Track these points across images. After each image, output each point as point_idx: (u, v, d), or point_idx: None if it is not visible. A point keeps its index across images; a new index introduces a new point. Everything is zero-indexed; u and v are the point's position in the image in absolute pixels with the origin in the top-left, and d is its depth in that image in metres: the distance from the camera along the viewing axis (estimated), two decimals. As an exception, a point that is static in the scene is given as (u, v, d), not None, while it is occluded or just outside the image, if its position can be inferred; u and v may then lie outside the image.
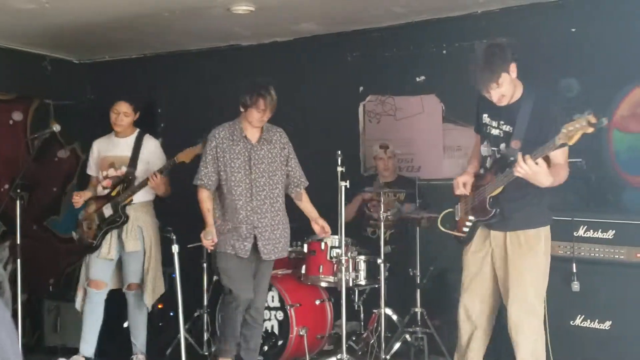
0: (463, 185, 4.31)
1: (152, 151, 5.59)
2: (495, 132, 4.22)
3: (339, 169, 5.15)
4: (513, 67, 4.03)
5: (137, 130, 5.63)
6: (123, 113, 5.50)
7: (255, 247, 4.89)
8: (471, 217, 4.24)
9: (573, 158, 5.28)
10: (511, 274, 4.11)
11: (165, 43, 7.20)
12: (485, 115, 4.30)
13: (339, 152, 5.17)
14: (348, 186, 5.17)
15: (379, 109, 6.70)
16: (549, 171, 3.84)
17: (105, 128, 5.80)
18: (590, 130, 3.51)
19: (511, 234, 4.13)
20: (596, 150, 5.56)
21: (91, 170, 5.71)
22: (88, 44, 7.24)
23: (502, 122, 4.17)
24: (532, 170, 3.79)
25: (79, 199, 5.57)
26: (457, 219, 4.44)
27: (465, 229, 4.30)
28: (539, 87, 4.21)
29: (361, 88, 6.76)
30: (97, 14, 6.06)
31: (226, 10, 5.92)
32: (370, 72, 6.71)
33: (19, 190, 5.49)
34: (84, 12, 6.00)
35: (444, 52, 6.34)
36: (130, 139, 5.58)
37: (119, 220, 5.41)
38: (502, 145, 4.16)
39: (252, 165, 4.92)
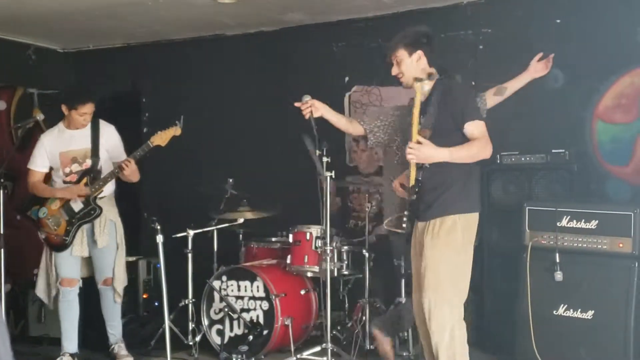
0: (400, 186, 4.29)
1: (112, 138, 5.46)
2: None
3: (324, 159, 5.15)
4: (419, 54, 4.12)
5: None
6: (89, 113, 5.34)
7: None
8: (406, 212, 4.20)
9: (557, 149, 5.36)
10: (426, 262, 4.03)
11: (149, 32, 7.16)
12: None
13: (325, 143, 5.17)
14: (333, 176, 5.17)
15: (365, 99, 6.70)
16: (448, 148, 3.92)
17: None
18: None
19: (429, 223, 4.07)
20: (579, 141, 5.60)
21: (39, 165, 5.48)
22: (72, 33, 7.19)
23: (422, 117, 4.11)
24: (419, 150, 3.87)
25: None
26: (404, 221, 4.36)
27: (404, 225, 4.24)
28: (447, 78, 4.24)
29: (347, 78, 6.75)
30: (81, 2, 6.02)
31: (211, -1, 5.90)
32: (356, 63, 6.70)
33: (2, 180, 5.44)
34: (68, 0, 5.95)
35: (430, 42, 6.33)
36: (86, 130, 5.40)
37: (93, 213, 5.31)
38: None
39: None
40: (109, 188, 5.44)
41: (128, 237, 5.63)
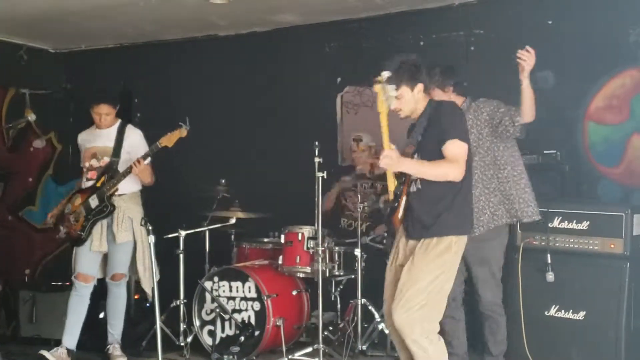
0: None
1: (135, 141, 5.55)
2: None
3: (317, 159, 5.16)
4: (420, 87, 4.07)
5: (119, 120, 5.59)
6: (105, 114, 5.47)
7: None
8: (385, 227, 4.22)
9: (548, 150, 5.36)
10: (410, 275, 3.98)
11: (141, 33, 7.15)
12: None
13: (317, 143, 5.18)
14: (325, 177, 5.18)
15: (357, 100, 6.70)
16: (415, 160, 3.94)
17: (82, 118, 5.77)
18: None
19: (424, 241, 3.99)
20: (571, 142, 5.61)
21: (81, 163, 5.69)
22: (64, 33, 7.18)
23: (409, 141, 4.16)
24: (391, 156, 3.84)
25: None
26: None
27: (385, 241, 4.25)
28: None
29: (339, 79, 6.75)
30: (72, 3, 6.01)
31: (203, -1, 5.90)
32: (348, 63, 6.70)
33: (-6, 180, 5.45)
34: (60, 0, 5.94)
35: (422, 43, 6.35)
36: (112, 130, 5.54)
37: (105, 210, 5.38)
38: (416, 155, 4.11)
39: None
40: (129, 187, 5.48)
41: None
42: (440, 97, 4.68)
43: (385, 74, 3.90)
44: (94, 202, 5.42)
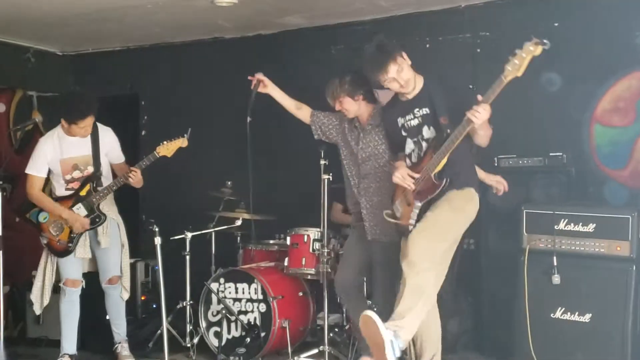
0: (404, 177, 4.31)
1: (111, 142, 5.47)
2: (413, 122, 4.35)
3: (322, 162, 5.16)
4: (405, 55, 4.25)
5: None
6: (89, 125, 5.28)
7: None
8: (418, 203, 4.26)
9: (554, 152, 5.36)
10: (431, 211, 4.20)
11: (148, 35, 7.17)
12: (399, 119, 4.43)
13: (322, 146, 5.18)
14: (331, 179, 5.18)
15: (363, 102, 6.69)
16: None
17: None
18: (539, 50, 3.76)
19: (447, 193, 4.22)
20: (577, 144, 5.61)
21: (40, 171, 5.39)
22: (71, 36, 7.21)
23: (416, 110, 4.33)
24: (488, 113, 3.97)
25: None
26: (398, 215, 4.45)
27: (414, 218, 4.29)
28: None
29: (345, 81, 6.74)
30: (80, 6, 6.03)
31: (210, 2, 5.91)
32: (354, 66, 6.69)
33: (1, 182, 5.45)
34: (67, 3, 5.97)
35: (427, 45, 6.35)
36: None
37: (98, 221, 5.33)
38: (424, 129, 4.29)
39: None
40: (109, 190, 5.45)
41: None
42: (350, 106, 4.85)
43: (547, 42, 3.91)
44: (80, 211, 5.31)
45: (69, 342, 5.42)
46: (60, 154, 5.35)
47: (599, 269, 4.67)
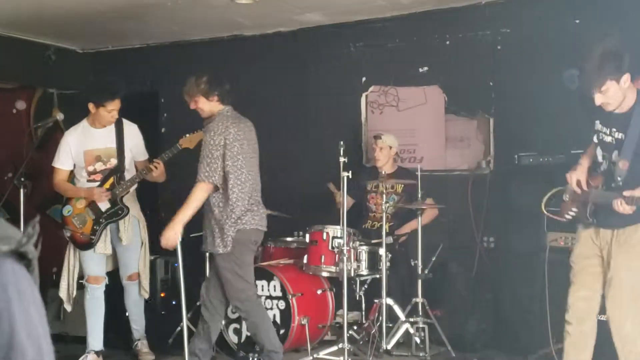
0: (577, 183, 4.27)
1: (134, 137, 5.51)
2: (607, 139, 4.17)
3: (341, 159, 5.15)
4: (626, 78, 3.97)
5: None
6: (117, 109, 5.33)
7: None
8: (574, 209, 4.26)
9: (575, 149, 5.30)
10: (613, 273, 4.08)
11: (168, 33, 7.20)
12: (597, 122, 4.26)
13: (341, 143, 5.17)
14: (350, 176, 5.17)
15: (382, 100, 6.70)
16: None
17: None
18: None
19: (619, 231, 4.08)
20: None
21: (63, 164, 5.44)
22: (91, 34, 7.24)
23: (614, 129, 4.12)
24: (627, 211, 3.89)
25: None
26: (564, 199, 4.39)
27: (568, 217, 4.31)
28: None
29: (364, 78, 6.75)
30: (100, 3, 6.06)
31: (229, 0, 5.92)
32: (373, 63, 6.70)
33: (22, 179, 5.47)
34: (88, 1, 6.00)
35: (447, 42, 6.33)
36: (110, 129, 5.42)
37: (120, 213, 5.35)
38: (615, 153, 4.12)
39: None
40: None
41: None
42: (204, 105, 4.83)
43: None
44: (104, 204, 5.34)
45: (95, 339, 5.44)
46: (84, 145, 5.38)
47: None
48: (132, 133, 5.49)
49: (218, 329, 5.12)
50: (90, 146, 5.39)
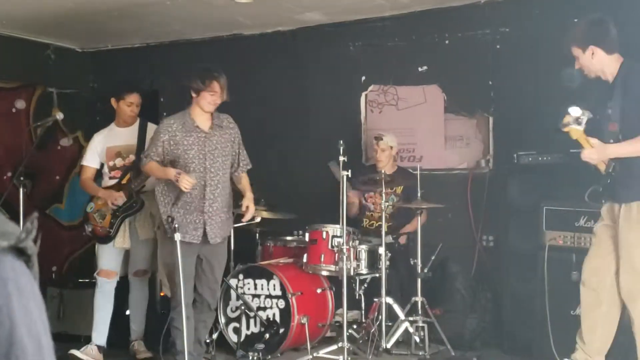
0: None
1: None
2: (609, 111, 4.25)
3: (341, 158, 5.15)
4: (592, 49, 4.15)
5: (139, 118, 5.65)
6: (136, 104, 5.58)
7: (204, 232, 4.89)
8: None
9: (575, 149, 5.32)
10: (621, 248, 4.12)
11: (167, 32, 7.20)
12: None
13: (341, 142, 5.17)
14: (350, 175, 5.18)
15: (381, 99, 6.70)
16: (618, 144, 4.03)
17: (109, 117, 5.81)
18: None
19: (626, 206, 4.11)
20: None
21: (90, 162, 5.62)
22: (91, 33, 7.25)
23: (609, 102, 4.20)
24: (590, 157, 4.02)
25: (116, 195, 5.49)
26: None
27: None
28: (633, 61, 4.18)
29: (363, 78, 6.76)
30: (100, 3, 6.06)
31: (229, -1, 5.93)
32: (372, 62, 6.71)
33: (22, 178, 5.48)
34: (88, 0, 6.00)
35: (447, 42, 6.34)
36: (133, 128, 5.61)
37: (135, 206, 5.45)
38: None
39: (207, 153, 4.89)
40: (151, 183, 5.50)
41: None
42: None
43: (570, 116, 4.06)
44: (120, 199, 5.46)
45: (100, 333, 5.47)
46: (108, 142, 5.60)
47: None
48: None
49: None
50: (112, 143, 5.59)
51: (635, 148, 4.03)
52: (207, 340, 5.29)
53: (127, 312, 5.76)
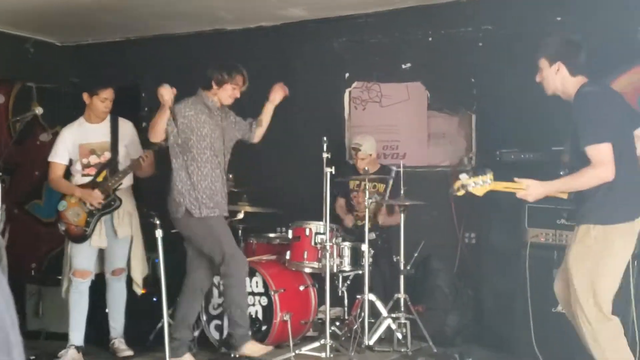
0: None
1: (130, 134, 5.60)
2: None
3: (325, 155, 5.15)
4: (558, 66, 4.06)
5: (109, 114, 5.57)
6: (110, 100, 5.48)
7: None
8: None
9: (556, 146, 5.36)
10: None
11: (149, 26, 7.14)
12: None
13: (325, 139, 5.17)
14: (333, 172, 5.17)
15: (365, 96, 6.70)
16: (559, 180, 4.03)
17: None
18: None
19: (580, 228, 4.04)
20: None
21: (60, 158, 5.52)
22: (71, 27, 7.17)
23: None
24: (526, 194, 3.99)
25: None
26: None
27: None
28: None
29: (347, 74, 6.75)
30: (80, -4, 6.01)
31: (211, -7, 5.89)
32: (356, 59, 6.70)
33: (0, 174, 5.44)
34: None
35: (430, 39, 6.35)
36: (105, 124, 5.52)
37: (113, 204, 5.40)
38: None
39: (225, 134, 5.22)
40: (126, 181, 5.50)
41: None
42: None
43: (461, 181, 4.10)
44: (101, 199, 5.37)
45: (77, 333, 5.42)
46: (79, 139, 5.48)
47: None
48: (127, 129, 5.60)
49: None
50: (85, 140, 5.48)
51: (573, 185, 3.96)
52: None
53: (107, 310, 5.72)
